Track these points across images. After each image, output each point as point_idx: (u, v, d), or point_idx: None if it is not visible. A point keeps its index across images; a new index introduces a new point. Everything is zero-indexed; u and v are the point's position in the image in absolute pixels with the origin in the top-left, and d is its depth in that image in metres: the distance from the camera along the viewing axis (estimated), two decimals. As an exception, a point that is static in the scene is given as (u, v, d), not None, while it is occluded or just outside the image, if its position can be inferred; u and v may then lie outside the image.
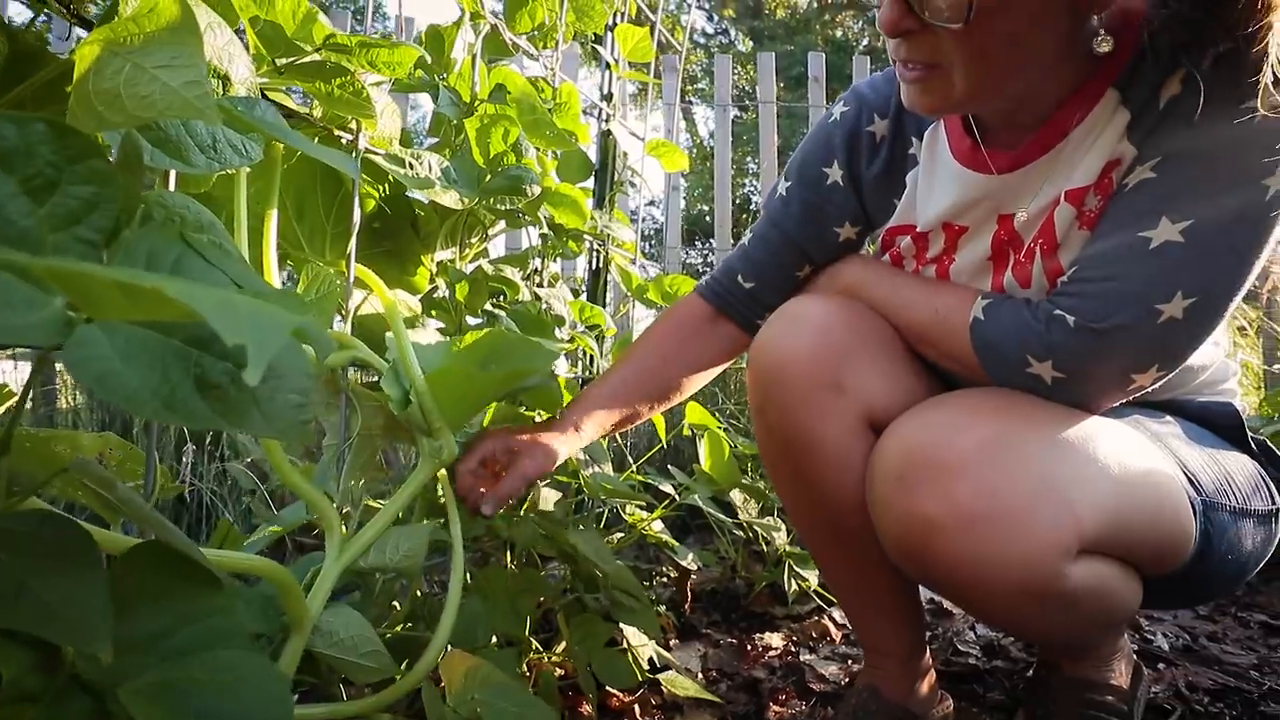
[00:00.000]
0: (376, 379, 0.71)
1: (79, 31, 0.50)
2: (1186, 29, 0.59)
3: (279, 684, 0.41)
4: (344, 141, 0.70)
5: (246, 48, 0.60)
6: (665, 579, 1.36)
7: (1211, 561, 0.70)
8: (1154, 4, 0.61)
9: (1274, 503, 0.75)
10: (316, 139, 0.67)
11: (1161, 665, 1.07)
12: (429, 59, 0.79)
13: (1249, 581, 0.99)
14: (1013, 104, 0.69)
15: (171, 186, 0.53)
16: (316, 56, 0.59)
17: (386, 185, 0.81)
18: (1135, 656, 0.89)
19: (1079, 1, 0.59)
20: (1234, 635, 1.22)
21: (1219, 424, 0.79)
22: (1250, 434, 0.79)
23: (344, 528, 0.73)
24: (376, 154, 0.72)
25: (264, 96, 0.59)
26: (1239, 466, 0.75)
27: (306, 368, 0.37)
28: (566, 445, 0.82)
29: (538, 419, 0.91)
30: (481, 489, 0.75)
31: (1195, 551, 0.69)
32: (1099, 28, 0.60)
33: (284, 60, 0.56)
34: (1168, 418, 0.77)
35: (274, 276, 0.63)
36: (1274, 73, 0.56)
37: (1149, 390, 0.66)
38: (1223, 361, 0.82)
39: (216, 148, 0.46)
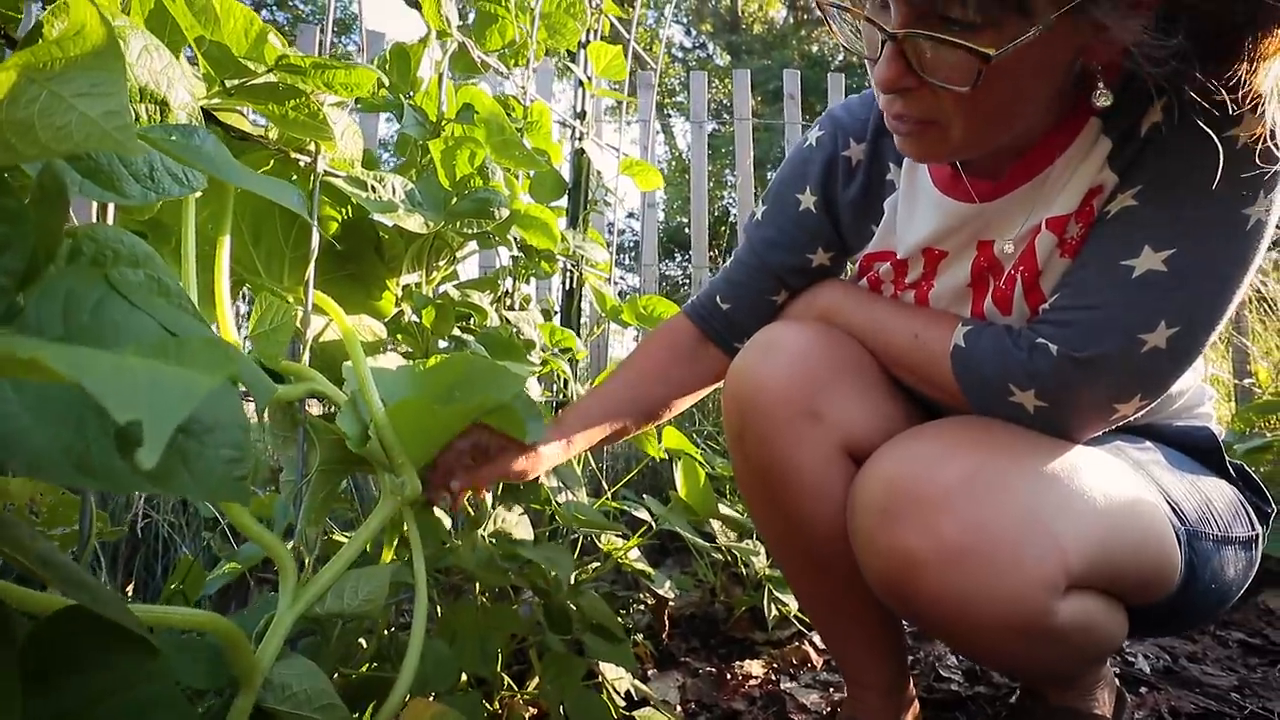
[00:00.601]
0: (334, 410, 0.68)
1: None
2: (1173, 71, 0.59)
3: (217, 758, 0.38)
4: (302, 164, 0.67)
5: (197, 69, 0.57)
6: (642, 606, 1.33)
7: (1196, 590, 0.69)
8: (1142, 47, 0.59)
9: (1254, 529, 0.74)
10: (271, 162, 0.64)
11: (1144, 689, 1.06)
12: (390, 80, 0.77)
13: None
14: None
15: (110, 217, 0.50)
16: (270, 77, 0.56)
17: (349, 208, 0.78)
18: (1118, 681, 0.88)
19: (1077, 54, 0.58)
20: (1214, 655, 1.22)
21: (1197, 448, 0.78)
22: (1227, 457, 0.79)
23: (308, 561, 0.70)
24: (337, 176, 0.69)
25: (213, 119, 0.56)
26: (1219, 493, 0.74)
27: (241, 419, 0.34)
28: (554, 454, 0.81)
29: None
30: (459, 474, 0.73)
31: (1180, 581, 0.68)
32: (1098, 81, 0.58)
33: (234, 82, 0.54)
34: (1148, 444, 0.76)
35: (225, 306, 0.60)
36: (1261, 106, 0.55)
37: (1131, 419, 0.65)
38: (1199, 385, 0.81)
39: (154, 176, 0.43)
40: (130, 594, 1.08)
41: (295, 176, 0.71)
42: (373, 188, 0.71)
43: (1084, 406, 0.63)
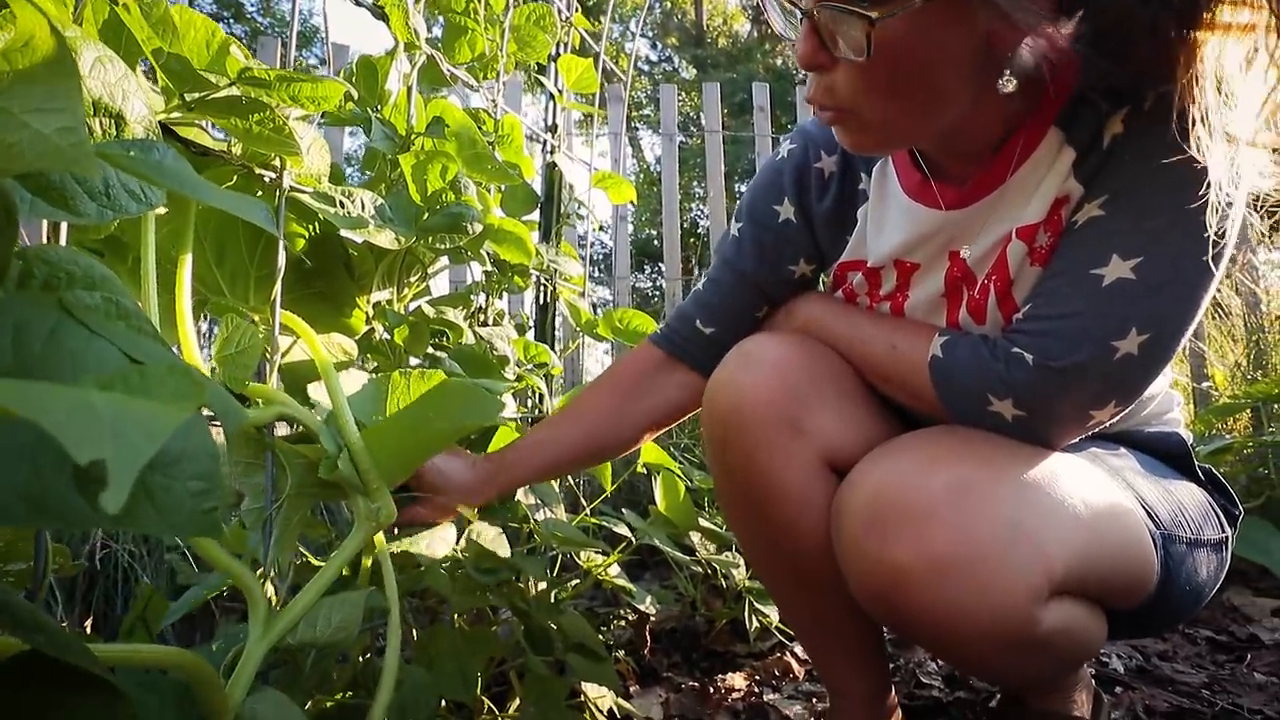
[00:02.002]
0: (299, 430, 0.66)
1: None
2: (1114, 78, 0.60)
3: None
4: (267, 180, 0.65)
5: (155, 82, 0.55)
6: (623, 622, 1.32)
7: (1171, 592, 0.70)
8: (1087, 59, 0.61)
9: (1223, 531, 0.76)
10: (235, 178, 0.62)
11: (1118, 689, 1.08)
12: (358, 93, 0.75)
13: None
14: (945, 139, 0.69)
15: (64, 237, 0.47)
16: (233, 91, 0.54)
17: (316, 224, 0.76)
18: (1094, 683, 0.89)
19: (986, 40, 0.58)
20: (1184, 653, 1.24)
21: (1169, 453, 0.80)
22: (1196, 462, 0.80)
23: (274, 592, 0.67)
24: (304, 192, 0.67)
25: (172, 135, 0.54)
26: (1190, 497, 0.75)
27: (209, 448, 0.33)
28: (478, 498, 0.80)
29: None
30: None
31: (1157, 584, 0.69)
32: (1008, 69, 0.59)
33: (194, 95, 0.52)
34: (1122, 450, 0.77)
35: (188, 327, 0.58)
36: (1198, 116, 0.56)
37: (1105, 425, 0.66)
38: (1167, 392, 0.83)
39: (110, 194, 0.41)
40: (90, 628, 1.04)
41: (260, 193, 0.69)
42: (341, 203, 0.69)
43: (1061, 414, 0.64)
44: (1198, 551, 0.72)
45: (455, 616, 0.89)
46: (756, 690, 1.14)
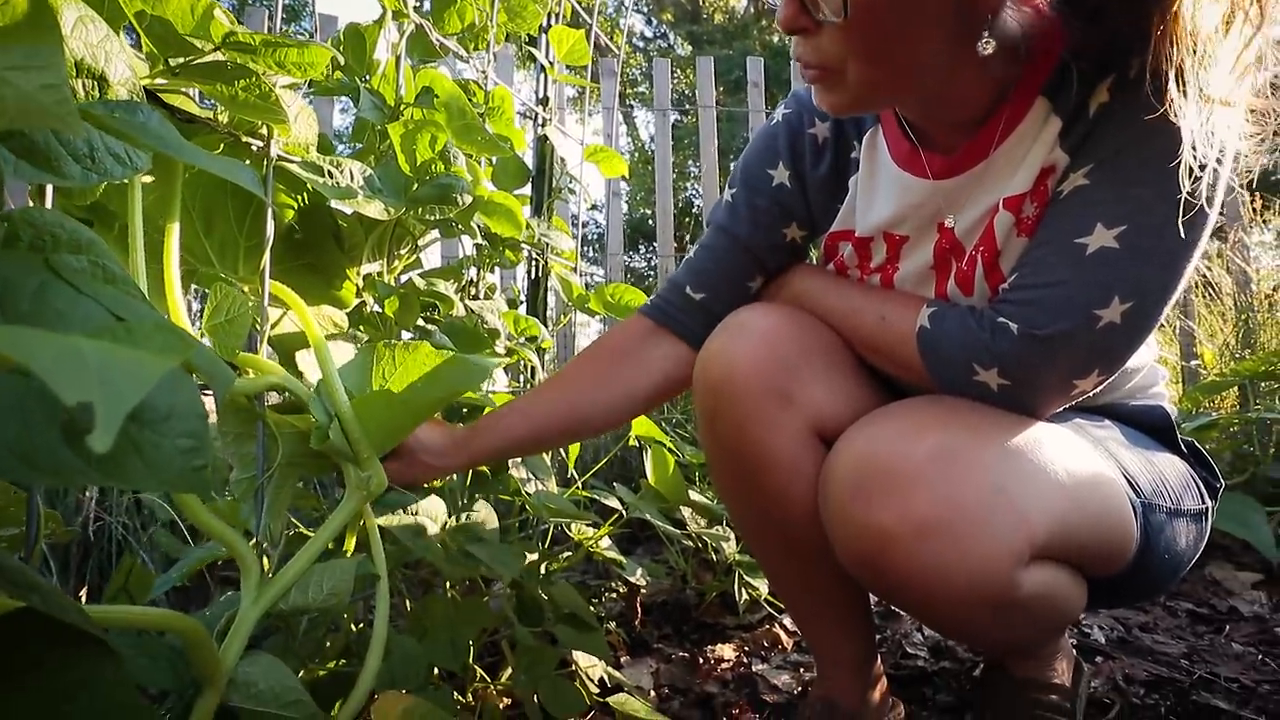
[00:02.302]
0: (289, 400, 0.66)
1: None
2: (1099, 44, 0.60)
3: (179, 760, 0.37)
4: (254, 149, 0.64)
5: (138, 46, 0.55)
6: (614, 595, 1.34)
7: (1150, 561, 0.71)
8: (1066, 21, 0.61)
9: (1204, 502, 0.77)
10: (221, 146, 0.62)
11: (1099, 659, 1.10)
12: (345, 60, 0.74)
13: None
14: (929, 105, 0.69)
15: (49, 202, 0.47)
16: (218, 56, 0.53)
17: (305, 194, 0.76)
18: (1075, 652, 0.91)
19: (964, 2, 0.58)
20: (1164, 625, 1.27)
21: (1152, 426, 0.81)
22: (1179, 434, 0.82)
23: (267, 560, 0.68)
24: (292, 161, 0.67)
25: (157, 101, 0.54)
26: (1171, 468, 0.77)
27: (198, 407, 0.33)
28: (449, 460, 0.77)
29: None
30: None
31: (1136, 552, 0.70)
32: (987, 30, 0.59)
33: (179, 60, 0.51)
34: (1106, 422, 0.78)
35: (177, 296, 0.58)
36: (1174, 74, 0.56)
37: (1089, 395, 0.67)
38: (1152, 366, 0.84)
39: (94, 157, 0.41)
40: (84, 598, 1.04)
41: (248, 161, 0.68)
42: (330, 173, 0.69)
43: (1046, 383, 0.65)
44: (1177, 521, 0.73)
45: (448, 587, 0.90)
46: (745, 660, 1.16)
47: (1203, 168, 0.57)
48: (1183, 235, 0.61)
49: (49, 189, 0.46)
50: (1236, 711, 0.93)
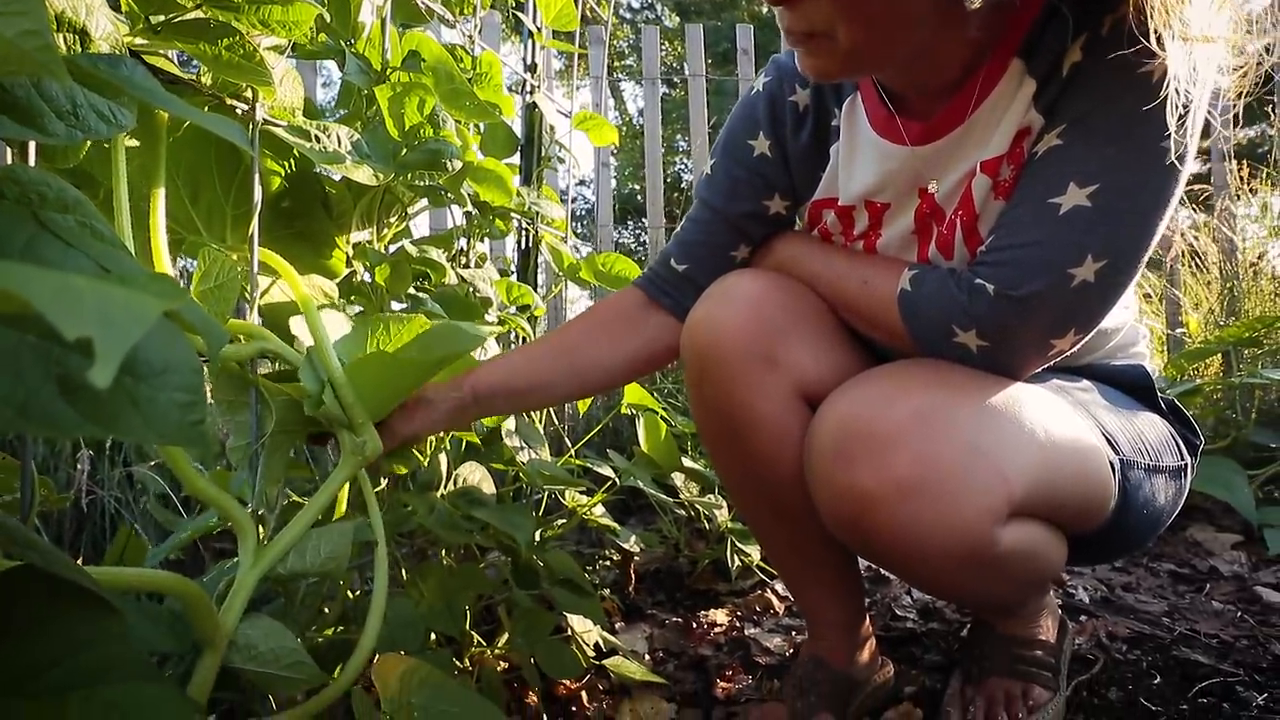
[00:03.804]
0: (282, 368, 0.66)
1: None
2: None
3: (183, 714, 0.37)
4: (239, 112, 0.63)
5: (117, 6, 0.54)
6: (609, 562, 1.35)
7: (1129, 517, 0.73)
8: None
9: (1183, 459, 0.79)
10: (205, 109, 0.61)
11: (1083, 617, 1.13)
12: (330, 22, 0.73)
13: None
14: (910, 69, 0.69)
15: (31, 160, 0.47)
16: (200, 14, 0.52)
17: (292, 160, 0.75)
18: (1060, 611, 0.93)
19: None
20: (1146, 585, 1.30)
21: (1131, 385, 0.82)
22: (1159, 394, 0.83)
23: (262, 529, 0.68)
24: (277, 125, 0.66)
25: (138, 58, 0.53)
26: (1150, 426, 0.78)
27: (193, 362, 0.33)
28: (453, 413, 0.77)
29: None
30: None
31: (1115, 508, 0.71)
32: None
33: (160, 18, 0.50)
34: (1085, 382, 0.79)
35: (165, 262, 0.57)
36: (1156, 8, 0.56)
37: (1068, 354, 0.68)
38: (1132, 325, 0.85)
39: (78, 113, 0.40)
40: (77, 572, 1.05)
41: (233, 126, 0.67)
42: (317, 138, 0.68)
43: (1023, 343, 0.66)
44: (1156, 478, 0.75)
45: (444, 554, 0.91)
46: (738, 625, 1.18)
47: (1187, 107, 0.58)
48: (1155, 193, 0.61)
49: (31, 148, 0.45)
50: (1215, 665, 0.96)
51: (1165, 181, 0.61)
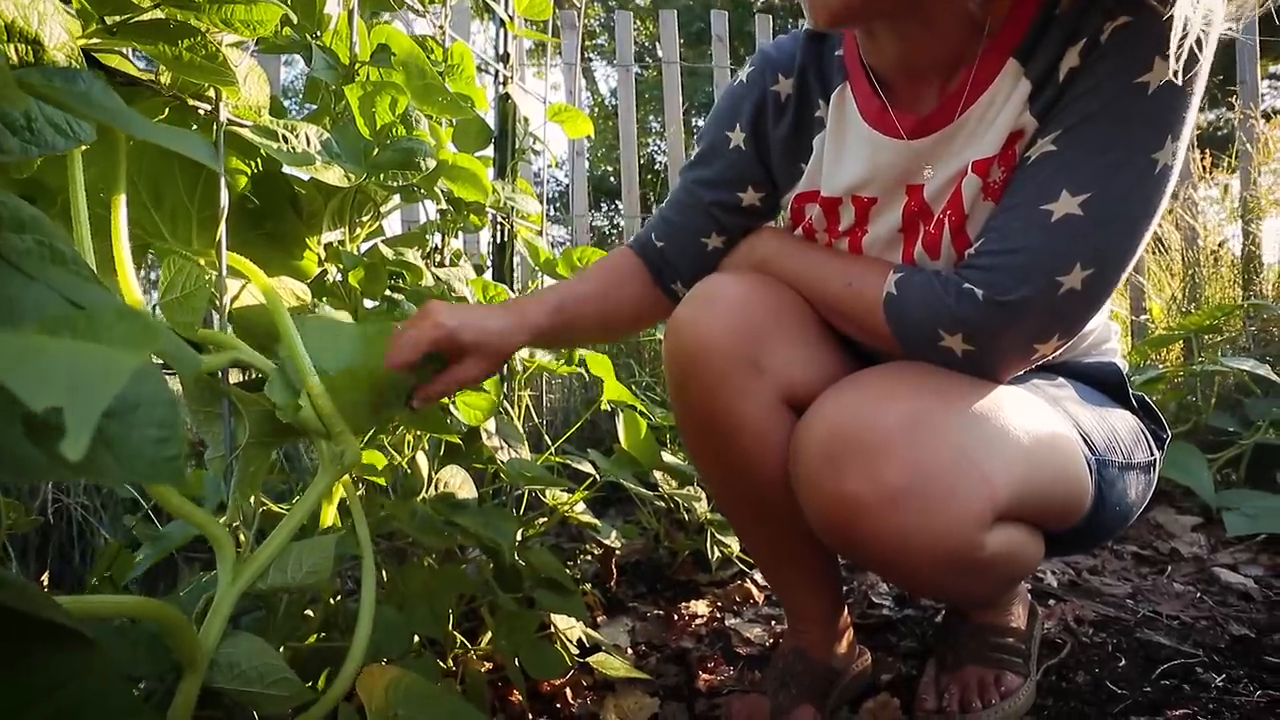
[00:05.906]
0: (257, 378, 0.64)
1: None
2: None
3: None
4: (202, 113, 0.61)
5: (69, 3, 0.51)
6: (589, 556, 1.35)
7: (1103, 513, 0.75)
8: None
9: (1152, 454, 0.81)
10: (166, 111, 0.58)
11: (1052, 602, 1.16)
12: (295, 17, 0.70)
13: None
14: (908, 39, 0.68)
15: (-17, 174, 0.44)
16: (158, 13, 0.50)
17: (259, 160, 0.72)
18: (1030, 597, 0.96)
19: None
20: (1111, 568, 1.34)
21: (1104, 382, 0.84)
22: (1130, 390, 0.85)
23: (244, 538, 0.67)
24: (243, 125, 0.64)
25: (95, 63, 0.51)
26: (1123, 422, 0.80)
27: (166, 394, 0.32)
28: (515, 339, 0.77)
29: None
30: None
31: (1090, 506, 0.73)
32: None
33: (116, 18, 0.48)
34: (1060, 380, 0.81)
35: (128, 272, 0.55)
36: (1181, 44, 0.57)
37: (1049, 358, 0.69)
38: (1106, 323, 0.87)
39: (33, 128, 0.38)
40: (46, 584, 1.02)
41: (195, 127, 0.65)
42: (284, 138, 0.66)
43: (1008, 348, 0.66)
44: (1129, 474, 0.77)
45: (424, 556, 0.90)
46: (719, 615, 1.19)
47: (1199, 44, 0.58)
48: (1143, 202, 0.62)
49: (-17, 162, 0.43)
50: (1176, 646, 0.99)
51: (1155, 190, 0.62)
